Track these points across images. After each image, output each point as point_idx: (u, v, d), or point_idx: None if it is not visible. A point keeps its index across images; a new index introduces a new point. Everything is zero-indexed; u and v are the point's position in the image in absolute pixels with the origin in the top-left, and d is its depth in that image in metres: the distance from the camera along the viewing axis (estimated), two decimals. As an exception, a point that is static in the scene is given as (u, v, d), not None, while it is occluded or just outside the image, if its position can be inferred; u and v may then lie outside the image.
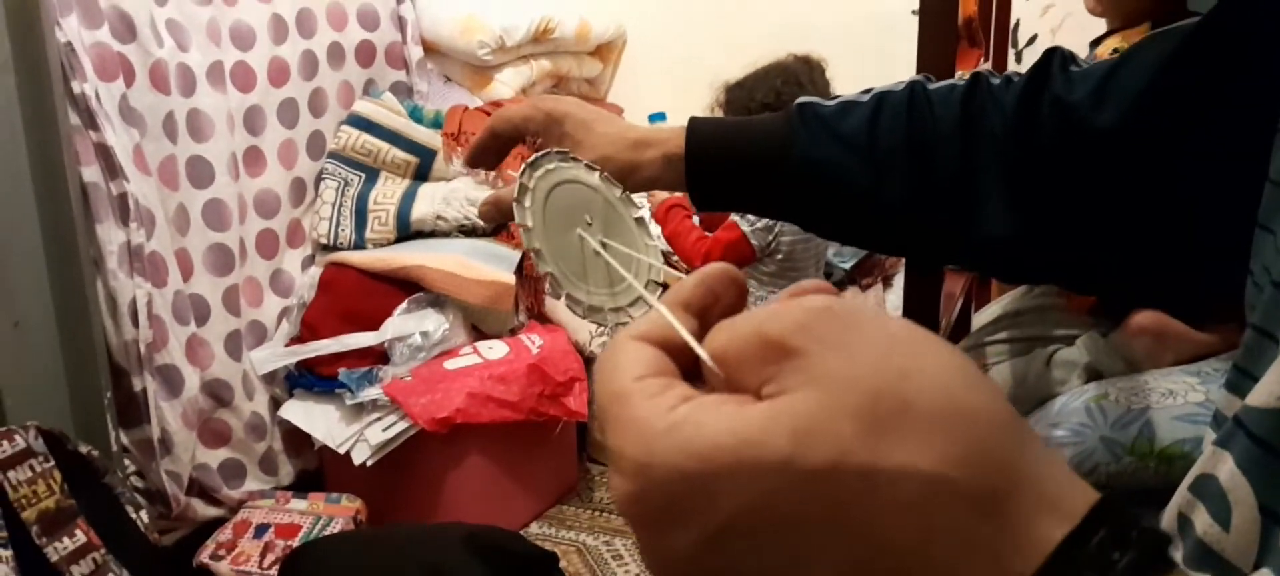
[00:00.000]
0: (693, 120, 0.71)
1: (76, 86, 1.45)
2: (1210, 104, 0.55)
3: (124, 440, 1.59)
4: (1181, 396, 1.15)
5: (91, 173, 1.48)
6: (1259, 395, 0.40)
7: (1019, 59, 2.12)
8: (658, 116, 2.41)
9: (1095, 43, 1.44)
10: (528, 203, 0.50)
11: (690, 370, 0.31)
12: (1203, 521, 0.42)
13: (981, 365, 1.22)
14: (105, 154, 1.49)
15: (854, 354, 0.27)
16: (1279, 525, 0.38)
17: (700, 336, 0.32)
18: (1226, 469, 0.41)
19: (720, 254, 1.68)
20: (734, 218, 1.74)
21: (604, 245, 0.52)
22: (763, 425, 0.26)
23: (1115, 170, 0.60)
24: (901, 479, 0.25)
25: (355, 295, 1.85)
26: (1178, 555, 0.44)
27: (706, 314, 0.33)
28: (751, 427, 0.26)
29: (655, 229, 1.77)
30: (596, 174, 0.57)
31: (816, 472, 0.25)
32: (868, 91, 0.70)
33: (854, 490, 0.25)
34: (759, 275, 1.70)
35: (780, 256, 1.68)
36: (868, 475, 0.25)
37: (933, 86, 0.68)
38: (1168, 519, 0.45)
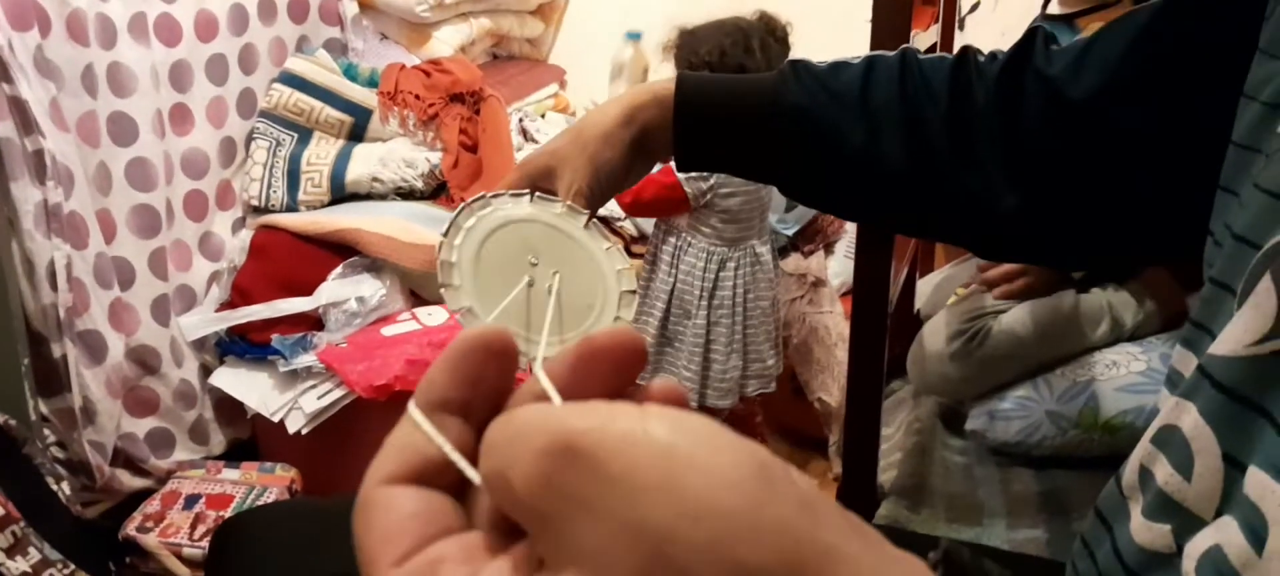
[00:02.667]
0: (681, 74, 0.70)
1: (-13, 35, 1.37)
2: (1180, 73, 0.57)
3: (43, 409, 1.53)
4: (1124, 367, 1.18)
5: (4, 128, 1.41)
6: (1225, 344, 0.40)
7: (961, 27, 2.14)
8: (634, 36, 2.36)
9: (1079, 15, 1.45)
10: (454, 275, 0.44)
11: (461, 477, 0.27)
12: (1164, 472, 0.42)
13: (984, 327, 1.22)
14: (19, 108, 1.42)
15: (610, 515, 0.22)
16: (1242, 472, 0.38)
17: (466, 443, 0.28)
18: (1190, 419, 0.41)
19: (651, 194, 1.65)
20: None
21: (551, 282, 0.46)
22: None
23: (1094, 140, 0.61)
24: None
25: (288, 259, 1.80)
26: (1136, 508, 0.44)
27: (470, 406, 0.28)
28: None
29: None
30: (525, 200, 0.51)
31: None
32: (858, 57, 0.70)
33: None
34: (702, 229, 1.69)
35: (721, 212, 1.67)
36: None
37: (923, 56, 0.69)
38: (1129, 472, 0.46)
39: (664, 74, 1.78)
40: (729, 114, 0.69)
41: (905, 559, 0.25)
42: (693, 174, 1.68)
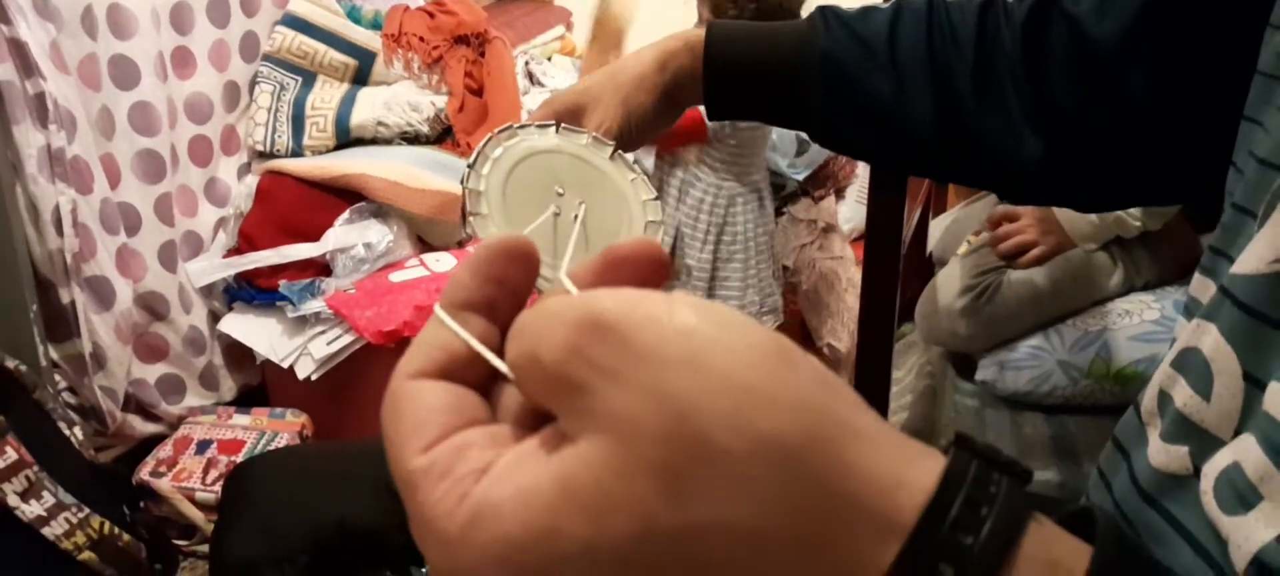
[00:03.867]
0: (711, 23, 0.70)
1: (-16, -23, 1.35)
2: (1204, 5, 0.57)
3: (53, 355, 1.53)
4: (1137, 316, 1.17)
5: (4, 70, 1.39)
6: (1246, 263, 0.40)
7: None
8: None
9: None
10: (482, 204, 0.45)
11: (487, 376, 0.28)
12: (1182, 394, 0.43)
13: (994, 282, 1.21)
14: (19, 50, 1.40)
15: (636, 384, 0.24)
16: (1261, 390, 0.38)
17: (490, 341, 0.28)
18: (1210, 339, 0.42)
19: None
20: None
21: (576, 212, 0.46)
22: (556, 507, 0.24)
23: (1117, 81, 0.61)
24: (713, 538, 0.23)
25: (294, 205, 1.79)
26: (1154, 432, 0.44)
27: (494, 304, 0.29)
28: (546, 514, 0.24)
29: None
30: (550, 131, 0.51)
31: (621, 551, 0.23)
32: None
33: (665, 559, 0.24)
34: (710, 163, 1.68)
35: (733, 143, 1.66)
36: (676, 539, 0.23)
37: (951, 1, 0.68)
38: (1148, 398, 0.46)
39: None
40: (758, 62, 0.69)
41: (914, 441, 0.26)
42: None
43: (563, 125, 0.51)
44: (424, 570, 1.18)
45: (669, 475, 0.23)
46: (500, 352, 0.28)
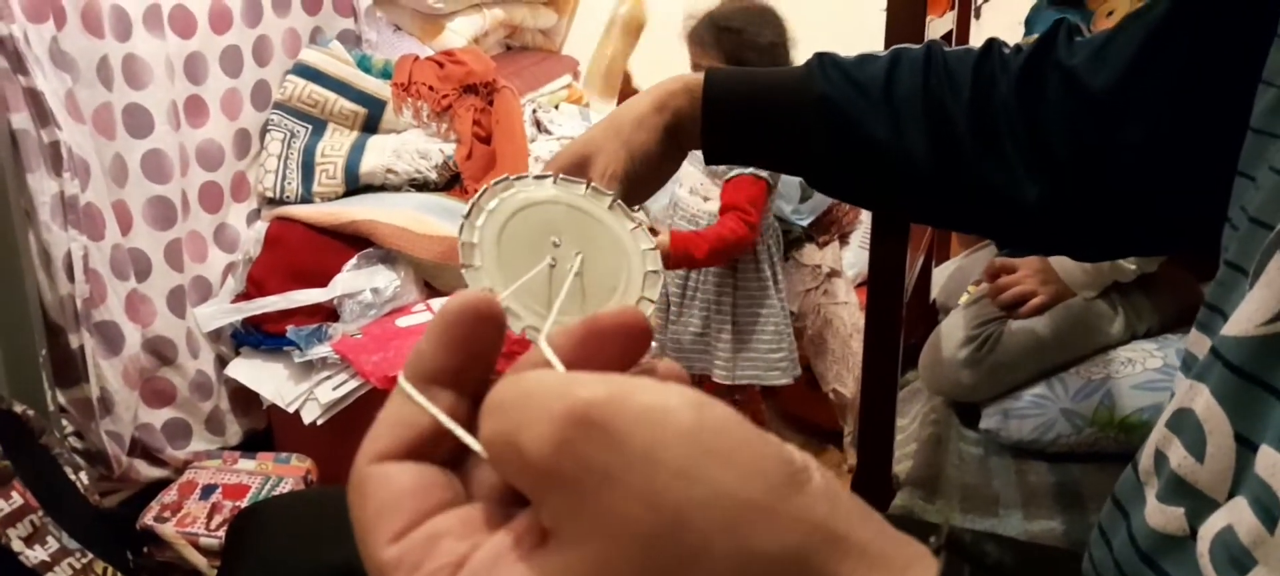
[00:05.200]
0: (709, 71, 0.71)
1: (2, 28, 1.37)
2: (1197, 60, 0.57)
3: (61, 399, 1.54)
4: (1140, 364, 1.17)
5: (21, 120, 1.41)
6: (1236, 325, 0.40)
7: (978, 15, 2.12)
8: None
9: None
10: (475, 256, 0.44)
11: (456, 450, 0.27)
12: (1177, 455, 0.42)
13: (995, 332, 1.21)
14: (35, 100, 1.42)
15: (628, 488, 0.22)
16: (1253, 452, 0.38)
17: (461, 412, 0.27)
18: (1202, 401, 0.41)
19: (746, 194, 1.63)
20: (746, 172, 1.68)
21: (572, 262, 0.46)
22: None
23: (1114, 132, 0.62)
24: None
25: (303, 250, 1.80)
26: (1151, 492, 0.44)
27: (461, 373, 0.27)
28: None
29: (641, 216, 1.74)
30: (548, 182, 0.50)
31: None
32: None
33: None
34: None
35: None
36: None
37: (948, 49, 0.70)
38: (1145, 457, 0.46)
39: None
40: (756, 105, 0.70)
41: (909, 542, 0.25)
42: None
43: (561, 176, 0.51)
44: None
45: None
46: (470, 423, 0.26)
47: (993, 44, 0.69)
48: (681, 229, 1.73)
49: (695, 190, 1.74)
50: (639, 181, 0.68)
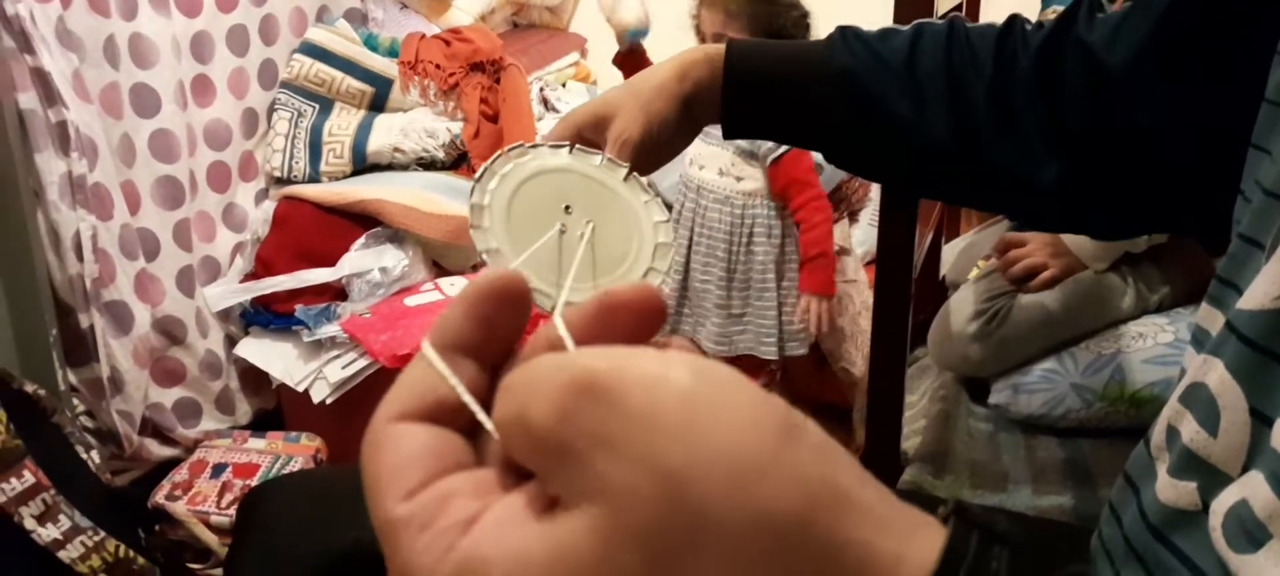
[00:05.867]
0: (731, 42, 0.71)
1: (9, 7, 1.37)
2: (1213, 33, 0.56)
3: (72, 379, 1.55)
4: (1151, 338, 1.16)
5: (28, 99, 1.41)
6: (1252, 298, 0.40)
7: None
8: (636, 34, 2.34)
9: None
10: (485, 217, 0.44)
11: (473, 421, 0.27)
12: (1190, 429, 0.42)
13: (1005, 306, 1.20)
14: (42, 79, 1.42)
15: (629, 452, 0.22)
16: (1268, 426, 0.38)
17: (479, 386, 0.27)
18: (1216, 375, 0.41)
19: (803, 170, 1.67)
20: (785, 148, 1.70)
21: (581, 231, 0.46)
22: (546, 572, 0.23)
23: (1129, 109, 0.61)
24: None
25: (311, 230, 1.80)
26: (1162, 467, 0.44)
27: (484, 345, 0.28)
28: None
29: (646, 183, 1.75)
30: (563, 151, 0.49)
31: None
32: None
33: None
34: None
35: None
36: None
37: (971, 25, 0.69)
38: (1157, 433, 0.46)
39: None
40: (778, 77, 0.69)
41: (913, 510, 0.25)
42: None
43: (577, 146, 0.51)
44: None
45: (662, 548, 0.22)
46: (489, 398, 0.27)
47: (1015, 20, 0.68)
48: (712, 212, 1.74)
49: (725, 171, 1.73)
50: (653, 150, 0.67)
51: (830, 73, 0.68)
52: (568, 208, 0.46)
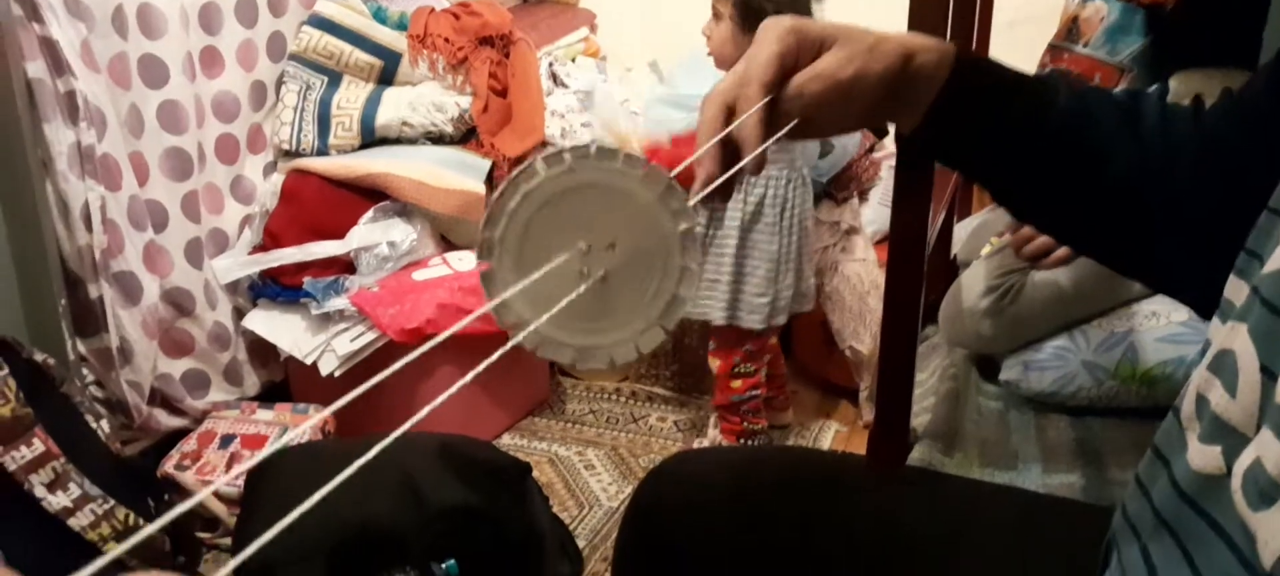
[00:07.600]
0: (962, 45, 0.63)
1: (18, -24, 1.37)
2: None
3: (81, 349, 1.55)
4: (1165, 316, 1.15)
5: (36, 68, 1.41)
6: (1275, 261, 0.41)
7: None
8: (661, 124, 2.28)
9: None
10: (497, 264, 0.44)
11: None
12: (1217, 395, 0.43)
13: (1017, 282, 1.19)
14: (51, 48, 1.42)
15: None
16: (1274, 381, 0.39)
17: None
18: (1240, 338, 0.42)
19: None
20: None
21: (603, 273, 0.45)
22: None
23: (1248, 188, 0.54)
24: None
25: (319, 203, 1.80)
26: (1193, 436, 0.44)
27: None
28: None
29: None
30: (589, 160, 0.46)
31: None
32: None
33: None
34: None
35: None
36: None
37: (1173, 106, 0.63)
38: (1187, 403, 0.46)
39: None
40: (1002, 92, 0.62)
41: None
42: None
43: (596, 146, 0.49)
44: (444, 566, 1.18)
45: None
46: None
47: (1199, 107, 0.62)
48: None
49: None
50: (834, 111, 0.59)
51: (1057, 107, 0.61)
52: (583, 247, 0.45)
